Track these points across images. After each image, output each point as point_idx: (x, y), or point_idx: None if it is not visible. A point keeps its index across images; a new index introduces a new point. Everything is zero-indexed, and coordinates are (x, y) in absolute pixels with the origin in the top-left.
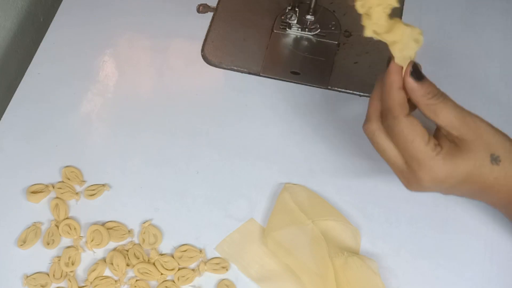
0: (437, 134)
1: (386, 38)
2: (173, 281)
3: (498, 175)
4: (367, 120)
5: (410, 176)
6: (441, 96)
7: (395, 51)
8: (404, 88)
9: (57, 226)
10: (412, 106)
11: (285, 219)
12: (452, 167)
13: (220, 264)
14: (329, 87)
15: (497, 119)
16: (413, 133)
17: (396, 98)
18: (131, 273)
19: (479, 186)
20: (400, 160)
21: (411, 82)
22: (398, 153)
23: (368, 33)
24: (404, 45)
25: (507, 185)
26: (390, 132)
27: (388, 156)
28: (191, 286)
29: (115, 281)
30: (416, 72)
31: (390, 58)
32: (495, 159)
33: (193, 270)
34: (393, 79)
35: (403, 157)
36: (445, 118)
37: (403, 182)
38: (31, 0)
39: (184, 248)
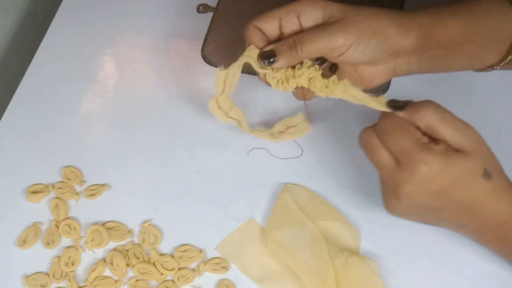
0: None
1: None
2: (173, 281)
3: (488, 190)
4: (362, 131)
5: (400, 176)
6: (443, 113)
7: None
8: None
9: (57, 226)
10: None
11: (285, 219)
12: (446, 162)
13: (220, 264)
14: None
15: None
16: (404, 128)
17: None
18: (131, 273)
19: (467, 198)
20: (389, 159)
21: (400, 114)
22: (389, 155)
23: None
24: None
25: (494, 201)
26: (383, 132)
27: (378, 157)
28: (191, 286)
29: (115, 281)
30: (397, 107)
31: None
32: (488, 174)
33: (193, 270)
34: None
35: (394, 156)
36: (446, 133)
37: (389, 191)
38: (31, 0)
39: (184, 248)
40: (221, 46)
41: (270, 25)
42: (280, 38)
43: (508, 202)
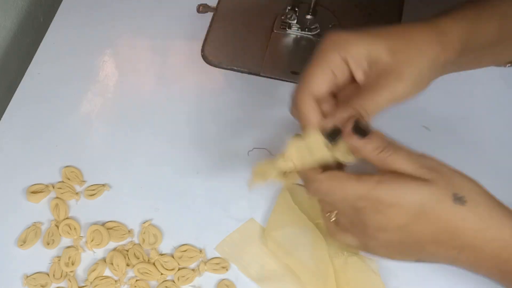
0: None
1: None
2: (173, 281)
3: (466, 216)
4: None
5: (363, 221)
6: (391, 147)
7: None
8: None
9: (57, 226)
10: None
11: (286, 219)
12: (401, 189)
13: (220, 264)
14: None
15: None
16: (338, 180)
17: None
18: (131, 273)
19: (442, 226)
20: (343, 217)
21: (356, 140)
22: (340, 213)
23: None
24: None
25: (479, 229)
26: (321, 196)
27: (330, 223)
28: (191, 286)
29: (115, 281)
30: (359, 129)
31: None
32: (459, 199)
33: (193, 270)
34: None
35: (346, 209)
36: (402, 168)
37: (361, 242)
38: (31, 0)
39: (184, 248)
40: (221, 46)
41: (323, 85)
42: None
43: (497, 227)
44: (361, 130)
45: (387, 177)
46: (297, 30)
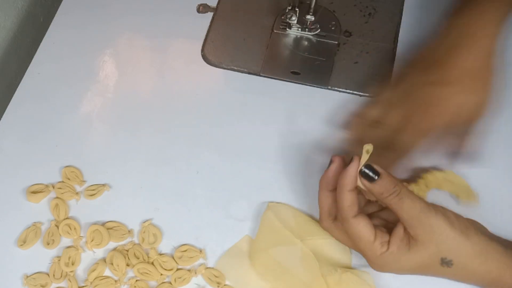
0: (396, 227)
1: None
2: (170, 283)
3: (451, 277)
4: (320, 219)
5: (366, 260)
6: (398, 194)
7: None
8: (355, 189)
9: (57, 226)
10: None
11: (272, 239)
12: (399, 263)
13: (217, 279)
14: (329, 87)
15: None
16: (359, 234)
17: (346, 200)
18: (131, 273)
19: (435, 277)
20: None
21: (365, 183)
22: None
23: None
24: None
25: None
26: (342, 228)
27: (347, 245)
28: (196, 284)
29: (115, 281)
30: (367, 175)
31: (350, 159)
32: (446, 263)
33: (189, 270)
34: (346, 182)
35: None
36: (401, 217)
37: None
38: (31, 0)
39: (184, 248)
40: (221, 46)
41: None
42: None
43: (484, 270)
44: (369, 176)
45: (388, 253)
46: (297, 30)
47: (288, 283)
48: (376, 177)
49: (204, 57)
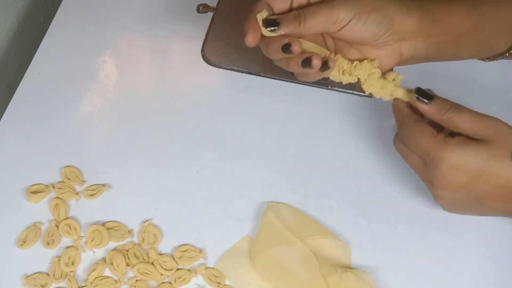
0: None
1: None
2: (170, 283)
3: None
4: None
5: (430, 175)
6: (455, 108)
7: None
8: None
9: (57, 226)
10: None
11: (272, 239)
12: (465, 152)
13: (217, 279)
14: (329, 87)
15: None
16: (420, 132)
17: (403, 112)
18: (131, 273)
19: (501, 183)
20: (419, 161)
21: (421, 105)
22: (417, 157)
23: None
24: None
25: None
26: (404, 139)
27: (410, 161)
28: (196, 284)
29: (115, 281)
30: (421, 95)
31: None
32: None
33: (189, 270)
34: (400, 104)
35: (420, 158)
36: (464, 127)
37: (430, 190)
38: (31, 0)
39: (184, 248)
40: (221, 46)
41: (280, 2)
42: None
43: None
44: (424, 96)
45: (454, 141)
46: None
47: (288, 283)
48: (427, 101)
49: (204, 57)
